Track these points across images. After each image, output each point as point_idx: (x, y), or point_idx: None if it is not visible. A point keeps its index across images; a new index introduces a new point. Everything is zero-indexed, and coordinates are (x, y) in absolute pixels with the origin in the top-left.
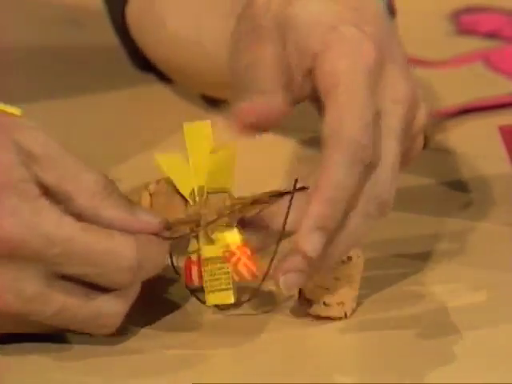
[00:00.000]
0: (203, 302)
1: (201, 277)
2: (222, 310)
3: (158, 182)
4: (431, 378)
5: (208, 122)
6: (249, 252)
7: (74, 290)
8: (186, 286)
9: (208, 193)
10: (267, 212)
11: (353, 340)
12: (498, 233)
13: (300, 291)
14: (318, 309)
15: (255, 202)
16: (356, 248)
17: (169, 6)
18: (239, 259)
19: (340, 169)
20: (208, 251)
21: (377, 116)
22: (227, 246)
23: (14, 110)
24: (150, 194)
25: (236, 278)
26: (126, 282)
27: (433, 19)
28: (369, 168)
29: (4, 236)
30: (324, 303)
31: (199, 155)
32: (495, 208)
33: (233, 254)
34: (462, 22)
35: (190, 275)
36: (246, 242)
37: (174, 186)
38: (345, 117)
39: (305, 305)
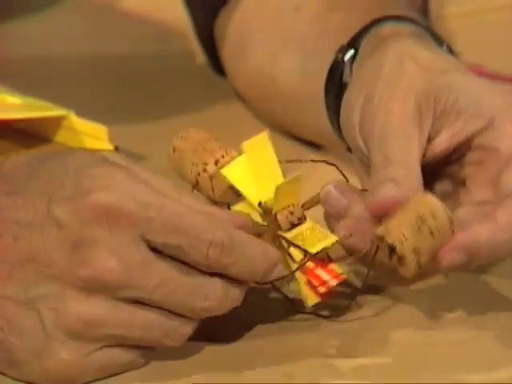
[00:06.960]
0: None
1: (335, 276)
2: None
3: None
4: None
5: (264, 133)
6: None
7: (174, 264)
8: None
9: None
10: None
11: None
12: None
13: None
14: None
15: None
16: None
17: (254, 36)
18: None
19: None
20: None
21: None
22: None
23: (99, 127)
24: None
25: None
26: (216, 257)
27: None
28: None
29: (100, 203)
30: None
31: (262, 169)
32: None
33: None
34: None
35: (321, 278)
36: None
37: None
38: None
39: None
